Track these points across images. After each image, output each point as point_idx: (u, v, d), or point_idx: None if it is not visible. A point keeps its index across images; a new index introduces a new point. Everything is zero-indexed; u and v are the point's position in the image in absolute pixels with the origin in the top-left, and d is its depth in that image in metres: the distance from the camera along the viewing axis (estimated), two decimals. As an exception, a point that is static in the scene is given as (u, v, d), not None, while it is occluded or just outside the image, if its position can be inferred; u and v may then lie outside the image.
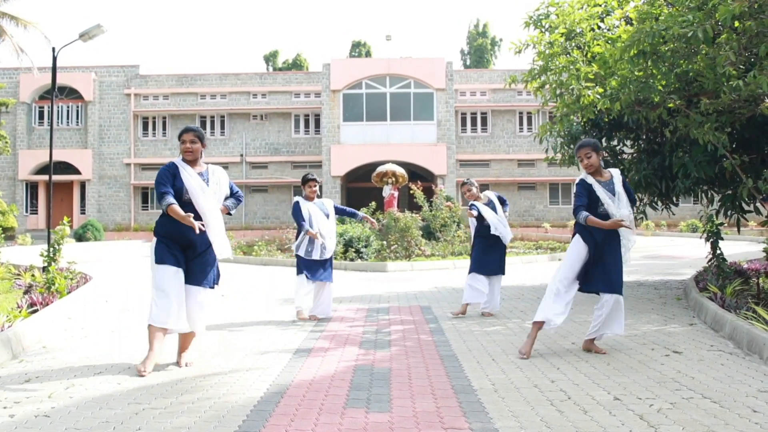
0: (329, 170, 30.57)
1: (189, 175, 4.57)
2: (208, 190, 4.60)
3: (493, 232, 7.10)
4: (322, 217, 7.05)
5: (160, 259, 4.54)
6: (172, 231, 4.55)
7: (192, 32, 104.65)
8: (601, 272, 4.95)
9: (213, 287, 4.76)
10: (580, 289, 5.08)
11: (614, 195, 4.97)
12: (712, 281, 7.56)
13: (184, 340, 4.76)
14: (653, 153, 8.97)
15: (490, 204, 7.28)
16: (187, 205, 4.52)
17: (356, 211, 7.53)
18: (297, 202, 7.07)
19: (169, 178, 4.55)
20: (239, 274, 12.96)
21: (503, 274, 7.24)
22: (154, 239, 4.66)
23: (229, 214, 4.88)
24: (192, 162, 4.68)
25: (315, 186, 7.13)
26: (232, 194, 4.95)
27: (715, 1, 5.92)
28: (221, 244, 4.63)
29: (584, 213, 4.91)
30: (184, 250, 4.62)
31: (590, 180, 5.06)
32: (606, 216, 4.94)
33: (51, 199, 12.17)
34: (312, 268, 6.97)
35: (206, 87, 33.95)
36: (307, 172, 7.38)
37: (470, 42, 54.90)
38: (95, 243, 27.37)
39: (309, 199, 7.14)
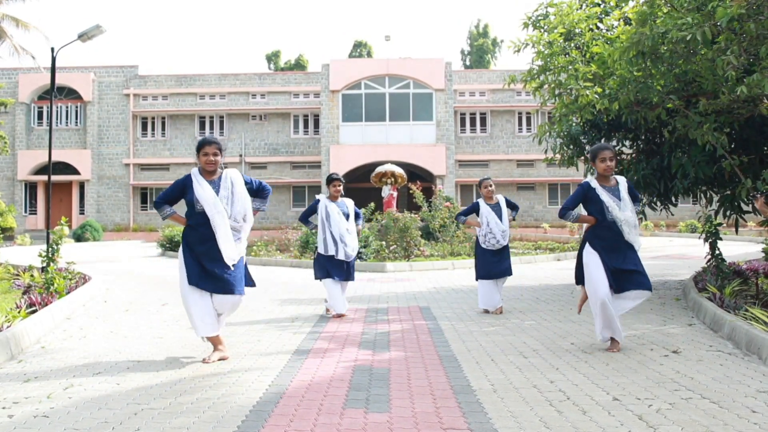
0: (328, 171, 30.53)
1: (200, 186, 4.74)
2: (217, 199, 4.71)
3: (483, 244, 7.31)
4: (341, 217, 7.12)
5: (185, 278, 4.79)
6: (193, 241, 4.78)
7: (192, 32, 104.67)
8: (628, 273, 4.99)
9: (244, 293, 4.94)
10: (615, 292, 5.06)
11: (620, 200, 5.04)
12: (711, 281, 7.56)
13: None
14: (652, 153, 8.98)
15: (496, 207, 7.31)
16: (200, 214, 4.73)
17: (360, 215, 7.58)
18: (317, 201, 7.26)
19: (176, 192, 4.82)
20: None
21: (508, 275, 7.38)
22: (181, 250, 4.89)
23: (262, 210, 5.11)
24: (210, 173, 4.83)
25: (339, 186, 7.23)
26: (256, 190, 5.03)
27: (714, 3, 5.93)
28: (227, 249, 4.71)
29: (573, 213, 5.09)
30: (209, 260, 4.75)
31: (594, 184, 5.09)
32: (613, 222, 5.02)
33: (50, 200, 12.16)
34: (337, 268, 7.11)
35: (205, 87, 33.94)
36: (332, 172, 7.52)
37: (471, 42, 54.94)
38: (94, 243, 27.36)
39: (333, 198, 7.24)
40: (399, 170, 20.97)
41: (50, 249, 7.83)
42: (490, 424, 3.32)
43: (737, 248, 16.89)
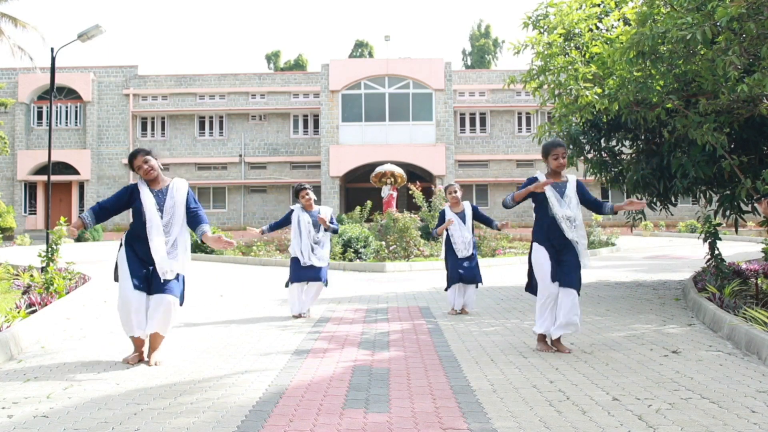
0: (328, 171, 30.55)
1: (146, 197, 4.72)
2: (156, 213, 4.67)
3: (459, 253, 7.20)
4: (311, 227, 7.07)
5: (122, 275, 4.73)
6: (135, 243, 4.75)
7: (192, 32, 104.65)
8: (563, 269, 5.04)
9: (179, 297, 4.80)
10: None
11: (562, 197, 5.09)
12: (711, 282, 7.56)
13: (153, 340, 4.82)
14: (651, 153, 8.98)
15: (461, 215, 7.30)
16: (144, 223, 4.68)
17: (337, 227, 7.37)
18: (291, 211, 7.20)
19: (119, 199, 4.77)
20: (238, 275, 12.96)
21: (476, 282, 7.27)
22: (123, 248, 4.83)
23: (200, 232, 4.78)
24: (154, 182, 4.81)
25: (307, 195, 7.14)
26: (190, 207, 4.82)
27: (714, 3, 5.93)
28: (161, 262, 4.65)
29: (509, 195, 5.21)
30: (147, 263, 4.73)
31: (541, 179, 5.17)
32: (554, 218, 5.07)
33: (50, 200, 12.16)
34: (300, 271, 7.08)
35: (205, 87, 33.93)
36: (299, 183, 7.40)
37: (472, 42, 54.98)
38: (94, 243, 27.34)
39: (306, 208, 7.16)
40: (399, 170, 20.97)
41: (50, 249, 7.83)
42: (490, 424, 3.31)
43: (737, 248, 16.90)
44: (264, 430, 3.25)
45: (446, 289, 7.37)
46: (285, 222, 7.29)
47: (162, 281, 4.68)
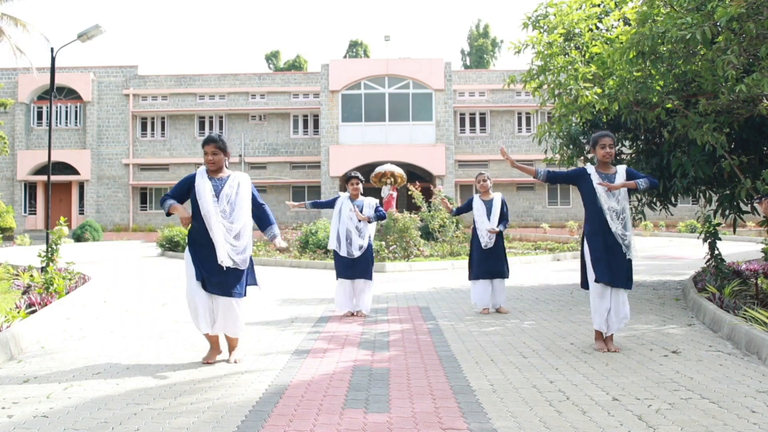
0: (328, 171, 30.55)
1: (202, 183, 4.72)
2: (213, 198, 4.66)
3: (482, 240, 7.22)
4: (352, 214, 7.09)
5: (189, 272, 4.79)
6: (195, 238, 4.76)
7: (191, 32, 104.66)
8: (612, 268, 4.99)
9: (244, 295, 4.87)
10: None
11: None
12: (711, 282, 7.56)
13: (228, 341, 4.91)
14: (651, 153, 8.98)
15: (488, 204, 7.29)
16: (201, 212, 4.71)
17: (382, 213, 7.37)
18: (338, 196, 7.30)
19: (180, 189, 4.81)
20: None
21: (502, 277, 7.26)
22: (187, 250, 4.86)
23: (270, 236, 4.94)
24: (215, 171, 4.81)
25: (356, 184, 7.22)
26: (256, 204, 4.90)
27: (714, 3, 5.93)
28: (220, 250, 4.64)
29: (547, 170, 5.30)
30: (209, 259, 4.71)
31: (591, 170, 5.14)
32: (601, 209, 5.03)
33: (49, 200, 12.16)
34: (342, 264, 7.12)
35: (205, 87, 33.92)
36: (350, 170, 7.46)
37: (471, 42, 54.97)
38: (94, 243, 27.35)
39: (353, 197, 7.24)
40: (398, 170, 20.99)
41: (49, 249, 7.83)
42: (490, 424, 3.32)
43: (737, 248, 16.90)
44: (264, 430, 3.25)
45: (470, 279, 7.40)
46: (329, 204, 7.40)
47: (225, 281, 4.68)
